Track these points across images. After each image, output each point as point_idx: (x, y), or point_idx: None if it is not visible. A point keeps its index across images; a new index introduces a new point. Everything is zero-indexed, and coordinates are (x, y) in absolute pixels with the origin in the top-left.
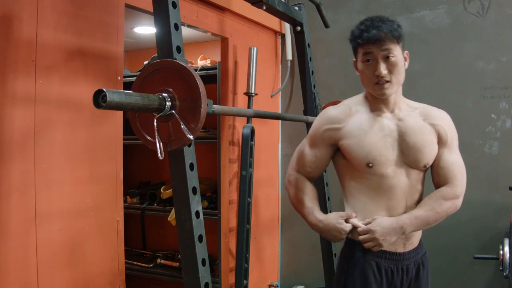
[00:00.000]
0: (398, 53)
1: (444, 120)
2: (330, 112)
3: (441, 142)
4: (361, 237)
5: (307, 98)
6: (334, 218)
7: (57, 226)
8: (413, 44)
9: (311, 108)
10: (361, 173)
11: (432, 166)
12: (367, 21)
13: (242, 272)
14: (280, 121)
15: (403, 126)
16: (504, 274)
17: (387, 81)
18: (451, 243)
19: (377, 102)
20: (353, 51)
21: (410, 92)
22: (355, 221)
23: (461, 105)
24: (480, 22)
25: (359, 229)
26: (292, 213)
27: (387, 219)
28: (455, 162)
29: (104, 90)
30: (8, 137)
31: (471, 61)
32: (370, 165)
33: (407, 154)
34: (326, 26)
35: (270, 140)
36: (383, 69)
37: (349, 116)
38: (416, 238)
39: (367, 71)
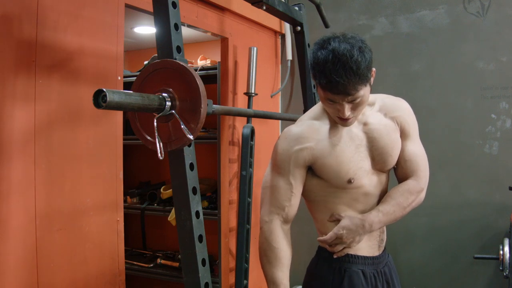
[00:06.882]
0: (365, 92)
1: (403, 109)
2: (295, 131)
3: (403, 134)
4: (328, 244)
5: (307, 98)
6: None
7: (57, 226)
8: (413, 44)
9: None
10: (338, 189)
11: None
12: (328, 63)
13: (242, 272)
14: (280, 121)
15: (370, 131)
16: (504, 274)
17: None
18: (451, 243)
19: None
20: (312, 77)
21: (410, 92)
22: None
23: (461, 105)
24: (480, 22)
25: (325, 238)
26: None
27: (353, 218)
28: (418, 153)
29: (104, 90)
30: (8, 137)
31: (471, 61)
32: (352, 180)
33: (377, 160)
34: (326, 26)
35: (270, 140)
36: (347, 111)
37: (315, 131)
38: (385, 239)
39: (330, 110)
